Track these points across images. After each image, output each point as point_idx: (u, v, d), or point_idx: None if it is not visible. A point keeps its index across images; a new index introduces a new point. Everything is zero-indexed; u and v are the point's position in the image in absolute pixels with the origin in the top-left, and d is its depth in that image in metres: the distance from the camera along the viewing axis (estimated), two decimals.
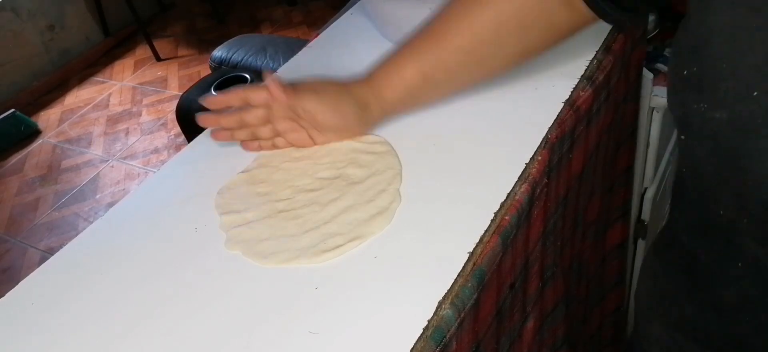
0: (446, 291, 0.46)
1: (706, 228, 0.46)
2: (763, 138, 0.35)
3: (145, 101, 2.77)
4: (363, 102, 0.60)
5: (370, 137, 0.63)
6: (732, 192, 0.40)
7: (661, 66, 1.03)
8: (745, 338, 0.47)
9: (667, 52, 1.06)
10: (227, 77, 1.85)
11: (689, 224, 0.50)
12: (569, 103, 0.62)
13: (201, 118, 0.64)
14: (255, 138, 0.64)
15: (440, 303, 0.45)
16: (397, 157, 0.60)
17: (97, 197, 2.27)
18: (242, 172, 0.62)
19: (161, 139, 2.50)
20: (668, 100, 0.44)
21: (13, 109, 2.64)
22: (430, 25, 0.60)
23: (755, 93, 0.35)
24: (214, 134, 0.65)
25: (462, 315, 0.46)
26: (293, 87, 0.61)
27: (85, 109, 2.78)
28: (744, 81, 0.35)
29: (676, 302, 0.54)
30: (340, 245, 0.51)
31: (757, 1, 0.35)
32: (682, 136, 0.43)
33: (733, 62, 0.36)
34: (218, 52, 2.03)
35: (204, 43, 3.09)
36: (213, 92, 1.81)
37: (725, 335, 0.49)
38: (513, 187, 0.54)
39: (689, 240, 0.50)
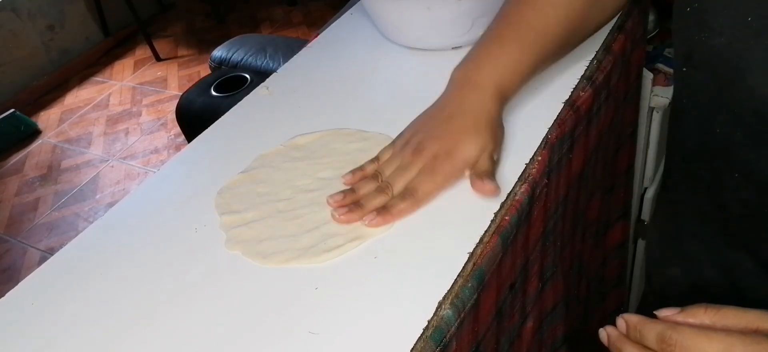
0: (446, 291, 0.46)
1: (705, 149, 0.50)
2: (756, 55, 0.42)
3: (145, 101, 2.77)
4: (502, 112, 0.58)
5: (372, 136, 0.63)
6: (728, 108, 0.45)
7: (661, 66, 1.03)
8: (749, 243, 0.50)
9: (667, 52, 1.06)
10: (227, 77, 1.85)
11: (689, 150, 0.53)
12: (569, 103, 0.62)
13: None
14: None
15: (440, 303, 0.45)
16: None
17: (97, 197, 2.27)
18: (242, 172, 0.62)
19: (161, 139, 2.50)
20: (673, 39, 0.50)
21: (13, 109, 2.64)
22: (527, 12, 0.59)
23: (749, 18, 0.41)
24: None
25: (462, 315, 0.46)
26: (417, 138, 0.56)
27: (85, 109, 2.78)
28: (740, 8, 0.42)
29: (685, 234, 0.58)
30: (340, 245, 0.51)
31: None
32: (684, 68, 0.49)
33: None
34: (218, 52, 2.03)
35: (204, 43, 3.09)
36: (213, 92, 1.81)
37: (732, 246, 0.52)
38: (513, 187, 0.54)
39: (690, 165, 0.54)
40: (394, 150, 0.57)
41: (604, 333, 0.44)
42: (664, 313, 0.41)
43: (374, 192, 0.54)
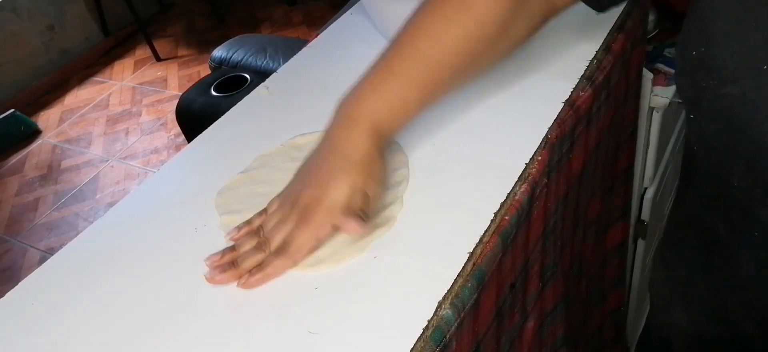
0: (446, 291, 0.46)
1: (721, 201, 0.47)
2: None
3: (145, 101, 2.77)
4: (383, 148, 0.54)
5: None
6: (745, 163, 0.41)
7: (661, 66, 1.03)
8: (761, 308, 0.48)
9: (667, 52, 1.06)
10: (227, 77, 1.85)
11: (703, 200, 0.50)
12: (569, 103, 0.62)
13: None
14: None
15: (440, 303, 0.45)
16: (406, 156, 0.60)
17: (97, 197, 2.27)
18: (242, 172, 0.62)
19: (161, 139, 2.50)
20: (676, 83, 0.46)
21: (13, 109, 2.64)
22: (422, 43, 0.53)
23: (765, 66, 0.37)
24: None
25: (462, 315, 0.46)
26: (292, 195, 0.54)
27: (85, 109, 2.78)
28: (753, 56, 0.37)
29: (693, 283, 0.55)
30: (336, 252, 0.51)
31: None
32: (692, 116, 0.45)
33: (742, 39, 0.38)
34: (218, 52, 2.02)
35: (204, 43, 3.09)
36: (213, 92, 1.81)
37: (744, 308, 0.50)
38: (513, 187, 0.54)
39: (705, 216, 0.50)
40: (279, 202, 0.54)
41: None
42: None
43: (252, 250, 0.52)
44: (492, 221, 0.51)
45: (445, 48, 0.52)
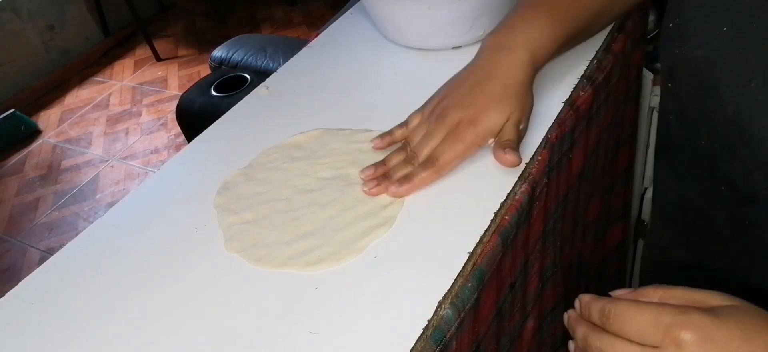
0: (446, 291, 0.46)
1: (693, 166, 0.50)
2: (730, 64, 0.42)
3: (145, 101, 2.77)
4: (532, 80, 0.58)
5: (372, 135, 0.62)
6: (708, 120, 0.45)
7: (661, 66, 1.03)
8: (746, 270, 0.49)
9: None
10: (227, 77, 1.85)
11: (678, 168, 0.53)
12: (569, 103, 0.62)
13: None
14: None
15: (440, 303, 0.45)
16: None
17: (97, 197, 2.27)
18: (242, 172, 0.62)
19: (161, 139, 2.50)
20: (659, 56, 0.50)
21: (13, 109, 2.64)
22: None
23: (724, 28, 0.42)
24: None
25: (462, 315, 0.46)
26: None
27: (85, 109, 2.78)
28: (716, 21, 0.43)
29: (675, 256, 0.56)
30: (335, 251, 0.51)
31: None
32: (669, 84, 0.49)
33: (706, 5, 0.44)
34: (218, 52, 2.03)
35: (204, 43, 3.09)
36: (213, 92, 1.81)
37: (725, 270, 0.51)
38: (513, 187, 0.54)
39: (680, 186, 0.53)
40: (422, 116, 0.57)
41: (566, 316, 0.45)
42: (618, 293, 0.42)
43: (401, 164, 0.55)
44: (492, 220, 0.51)
45: None
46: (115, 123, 2.66)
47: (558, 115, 0.61)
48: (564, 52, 0.60)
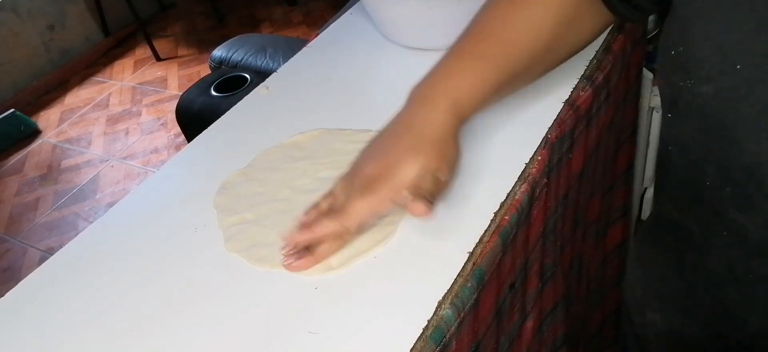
0: (446, 291, 0.46)
1: (693, 201, 0.48)
2: (746, 107, 0.38)
3: (145, 101, 2.76)
4: (456, 130, 0.53)
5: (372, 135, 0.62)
6: (717, 162, 0.42)
7: None
8: (733, 307, 0.48)
9: None
10: (227, 77, 1.85)
11: (677, 200, 0.51)
12: (569, 102, 0.62)
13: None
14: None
15: (440, 303, 0.45)
16: None
17: (97, 196, 2.27)
18: (242, 172, 0.62)
19: (161, 139, 2.50)
20: (658, 82, 0.47)
21: (13, 109, 2.64)
22: (495, 26, 0.55)
23: (738, 66, 0.38)
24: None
25: (462, 315, 0.46)
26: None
27: (85, 109, 2.78)
28: (727, 56, 0.38)
29: (667, 281, 0.55)
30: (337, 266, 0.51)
31: None
32: (669, 115, 0.46)
33: (717, 39, 0.39)
34: (218, 52, 2.02)
35: (204, 43, 3.08)
36: (213, 92, 1.81)
37: (714, 306, 0.50)
38: (513, 187, 0.54)
39: (678, 215, 0.51)
40: (343, 181, 0.54)
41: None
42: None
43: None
44: (492, 220, 0.51)
45: (518, 33, 0.53)
46: (115, 123, 2.66)
47: (558, 115, 0.61)
48: (507, 96, 0.55)
